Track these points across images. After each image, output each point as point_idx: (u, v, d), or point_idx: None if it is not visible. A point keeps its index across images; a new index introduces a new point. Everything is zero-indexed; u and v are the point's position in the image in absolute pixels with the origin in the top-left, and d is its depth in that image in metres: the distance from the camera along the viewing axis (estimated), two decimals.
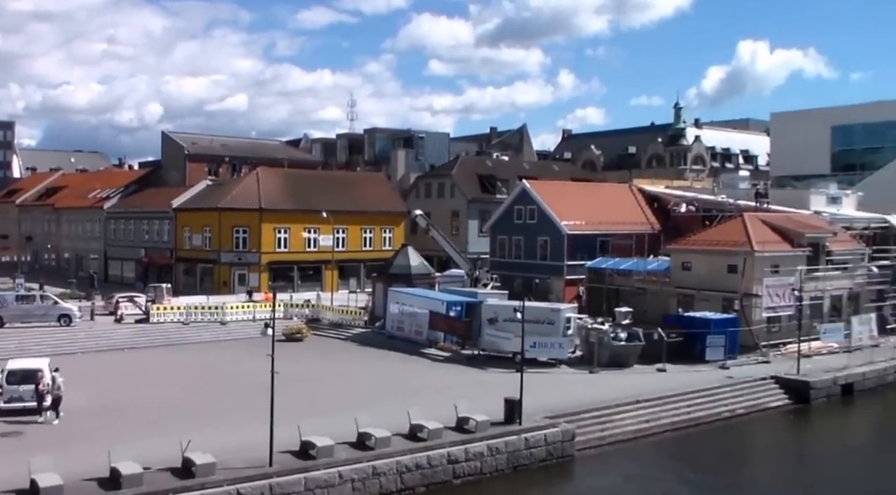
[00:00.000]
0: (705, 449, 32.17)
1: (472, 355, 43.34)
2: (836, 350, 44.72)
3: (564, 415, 30.93)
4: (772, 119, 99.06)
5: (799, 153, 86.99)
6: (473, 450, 27.26)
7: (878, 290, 52.45)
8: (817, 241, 49.58)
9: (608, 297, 51.78)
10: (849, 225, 55.99)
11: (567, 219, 57.97)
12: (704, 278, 47.56)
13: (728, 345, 42.20)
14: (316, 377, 38.08)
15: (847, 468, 30.83)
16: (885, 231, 57.22)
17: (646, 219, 62.07)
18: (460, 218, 79.69)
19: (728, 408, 35.76)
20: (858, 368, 41.43)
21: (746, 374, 39.41)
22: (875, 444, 35.17)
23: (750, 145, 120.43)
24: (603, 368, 39.80)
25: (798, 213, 54.83)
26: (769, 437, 35.02)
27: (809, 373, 39.57)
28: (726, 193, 63.04)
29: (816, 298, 48.16)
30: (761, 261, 45.89)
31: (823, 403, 38.49)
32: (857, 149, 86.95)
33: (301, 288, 68.39)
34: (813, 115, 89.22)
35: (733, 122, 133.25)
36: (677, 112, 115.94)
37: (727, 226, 50.52)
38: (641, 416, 33.07)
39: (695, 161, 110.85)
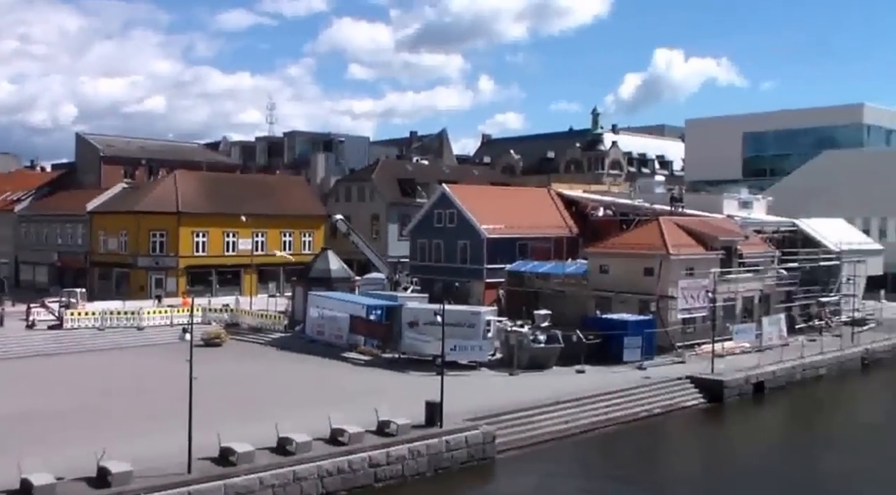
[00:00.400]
0: (624, 449, 32.71)
1: (393, 359, 43.34)
2: (748, 349, 45.95)
3: (485, 418, 31.14)
4: (686, 125, 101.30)
5: (712, 159, 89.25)
6: (395, 454, 27.28)
7: (787, 292, 53.97)
8: (730, 245, 50.79)
9: (527, 300, 52.22)
10: (760, 228, 57.45)
11: (486, 222, 58.35)
12: (621, 281, 48.35)
13: (645, 346, 43.00)
14: (235, 382, 37.69)
15: (759, 463, 31.61)
16: (794, 234, 58.88)
17: (564, 223, 62.81)
18: (380, 221, 79.66)
19: (645, 408, 36.41)
20: (769, 367, 42.61)
21: (663, 374, 40.18)
22: (785, 439, 36.16)
23: (665, 151, 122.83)
24: (522, 370, 40.17)
25: (712, 217, 56.09)
26: (685, 436, 35.83)
27: (723, 373, 40.51)
28: (643, 198, 64.18)
29: (729, 300, 49.32)
30: (676, 264, 46.86)
31: (736, 401, 39.47)
32: (767, 155, 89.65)
33: (220, 292, 67.56)
34: (725, 123, 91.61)
35: (649, 127, 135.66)
36: (595, 118, 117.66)
37: (643, 229, 51.44)
38: (561, 417, 33.47)
39: (612, 166, 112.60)
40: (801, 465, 31.64)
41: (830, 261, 56.98)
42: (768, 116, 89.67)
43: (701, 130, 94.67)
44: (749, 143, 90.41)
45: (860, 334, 52.46)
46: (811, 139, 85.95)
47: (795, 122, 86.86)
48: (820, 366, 45.74)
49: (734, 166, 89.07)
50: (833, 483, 29.45)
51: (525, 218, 60.51)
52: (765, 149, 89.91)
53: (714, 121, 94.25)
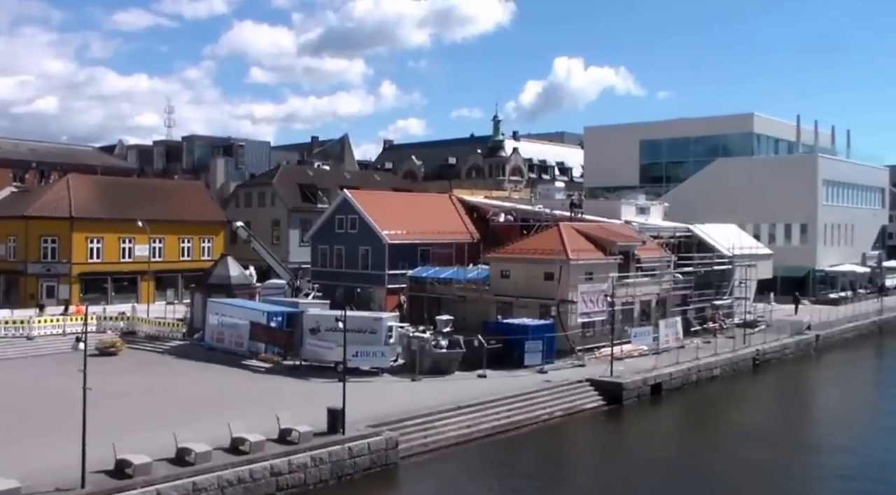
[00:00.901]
0: (526, 452, 33.01)
1: (295, 365, 42.91)
2: (646, 352, 46.96)
3: (387, 424, 31.09)
4: (585, 133, 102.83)
5: (610, 166, 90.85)
6: (297, 462, 27.00)
7: (682, 295, 55.36)
8: (628, 250, 51.82)
9: (429, 306, 52.40)
10: (656, 234, 58.76)
11: (388, 228, 58.32)
12: (522, 286, 48.85)
13: (545, 350, 43.49)
14: (132, 392, 36.71)
15: (657, 462, 32.37)
16: (689, 239, 60.43)
17: (465, 229, 63.20)
18: (281, 227, 78.86)
19: (547, 411, 36.85)
20: (666, 369, 43.61)
21: (563, 378, 40.71)
22: (681, 439, 37.14)
23: (565, 157, 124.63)
24: (425, 376, 40.24)
25: (610, 223, 57.17)
26: (586, 438, 36.35)
27: (621, 375, 41.31)
28: (543, 204, 65.01)
29: (627, 304, 50.30)
30: (576, 269, 47.56)
31: (635, 403, 40.28)
32: (663, 162, 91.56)
33: (115, 300, 65.89)
34: (623, 130, 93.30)
35: (549, 135, 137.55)
36: (496, 124, 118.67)
37: (544, 235, 52.07)
38: (463, 422, 33.63)
39: (513, 172, 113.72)
40: (696, 462, 32.54)
41: (723, 266, 58.74)
42: (664, 125, 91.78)
43: (599, 138, 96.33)
44: (645, 151, 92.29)
45: (751, 336, 54.18)
46: (705, 147, 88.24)
47: (690, 131, 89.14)
48: (714, 366, 47.05)
49: (631, 173, 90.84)
50: (725, 477, 30.33)
51: (427, 223, 60.70)
52: (661, 156, 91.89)
53: (612, 128, 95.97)
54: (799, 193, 78.73)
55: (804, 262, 77.99)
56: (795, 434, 37.83)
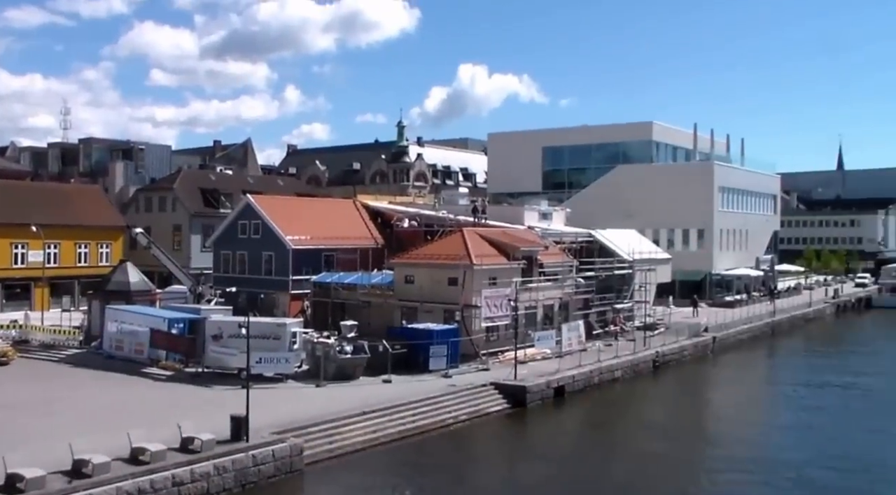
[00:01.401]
0: (432, 457, 33.08)
1: (197, 373, 42.14)
2: (549, 355, 47.55)
3: (292, 430, 30.81)
4: (489, 139, 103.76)
5: (514, 172, 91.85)
6: (199, 471, 26.51)
7: (584, 299, 56.30)
8: (531, 255, 52.43)
9: (334, 311, 52.12)
10: (559, 239, 59.57)
11: (292, 233, 57.80)
12: (427, 291, 48.99)
13: (450, 354, 43.69)
14: (24, 403, 35.49)
15: (562, 463, 32.82)
16: (590, 244, 61.47)
17: (370, 234, 63.04)
18: (182, 232, 77.45)
19: (452, 415, 37.00)
20: (568, 372, 44.22)
21: (468, 382, 40.96)
22: (584, 439, 37.80)
23: (469, 163, 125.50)
24: (329, 381, 39.98)
25: (513, 228, 57.75)
26: (491, 441, 36.57)
27: (525, 378, 41.75)
28: (447, 209, 65.20)
29: (531, 308, 50.90)
30: (480, 274, 47.91)
31: (538, 406, 40.74)
32: (565, 168, 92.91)
33: (7, 307, 63.79)
34: (526, 137, 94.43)
35: (454, 141, 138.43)
36: (400, 130, 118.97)
37: (448, 240, 52.29)
38: (368, 427, 33.54)
39: (417, 178, 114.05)
40: (599, 463, 33.04)
41: (624, 270, 59.88)
42: (566, 132, 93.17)
43: (503, 144, 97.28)
44: (548, 157, 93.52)
45: (651, 338, 55.32)
46: (605, 154, 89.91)
47: (591, 138, 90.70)
48: (616, 369, 47.92)
49: (534, 179, 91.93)
50: (626, 476, 30.86)
51: (331, 229, 60.36)
52: (563, 162, 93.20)
53: (515, 135, 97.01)
54: (696, 200, 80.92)
55: (701, 267, 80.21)
56: (694, 433, 38.96)
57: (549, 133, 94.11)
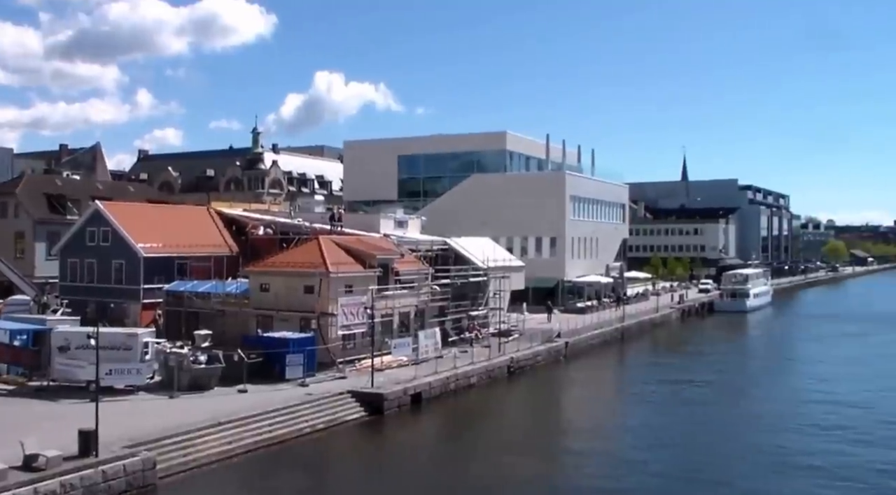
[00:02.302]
0: (289, 466, 32.78)
1: (42, 386, 40.48)
2: (406, 363, 47.87)
3: (144, 443, 30.03)
4: (345, 147, 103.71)
5: (369, 180, 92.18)
6: (44, 490, 25.51)
7: (440, 306, 56.93)
8: (387, 262, 52.71)
9: (187, 320, 51.01)
10: (414, 247, 60.03)
11: (143, 241, 56.29)
12: (282, 299, 48.60)
13: (307, 363, 43.44)
14: None
15: (419, 470, 33.15)
16: (446, 252, 62.16)
17: (224, 242, 61.98)
18: (26, 240, 74.07)
19: (309, 424, 36.82)
20: (425, 378, 44.67)
21: (325, 390, 40.82)
22: (441, 446, 38.19)
23: (325, 171, 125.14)
24: (183, 392, 39.15)
25: (369, 236, 57.84)
26: (350, 449, 36.54)
27: (382, 386, 41.93)
28: (302, 217, 64.84)
29: (387, 315, 51.11)
30: (336, 282, 47.86)
31: (396, 413, 40.99)
32: (421, 177, 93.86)
33: None
34: (382, 145, 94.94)
35: (310, 148, 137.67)
36: (255, 137, 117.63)
37: (303, 248, 52.01)
38: (224, 438, 33.02)
39: (272, 185, 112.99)
40: (456, 467, 33.45)
41: (479, 278, 60.82)
42: (421, 140, 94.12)
43: (358, 152, 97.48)
44: (403, 166, 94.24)
45: (506, 344, 56.48)
46: (460, 163, 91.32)
47: (446, 147, 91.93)
48: (471, 375, 48.67)
49: (390, 187, 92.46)
50: (484, 482, 31.41)
51: (184, 236, 59.02)
52: (418, 171, 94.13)
53: (370, 143, 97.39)
54: (548, 208, 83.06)
55: (554, 274, 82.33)
56: (547, 437, 39.89)
57: (404, 142, 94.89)
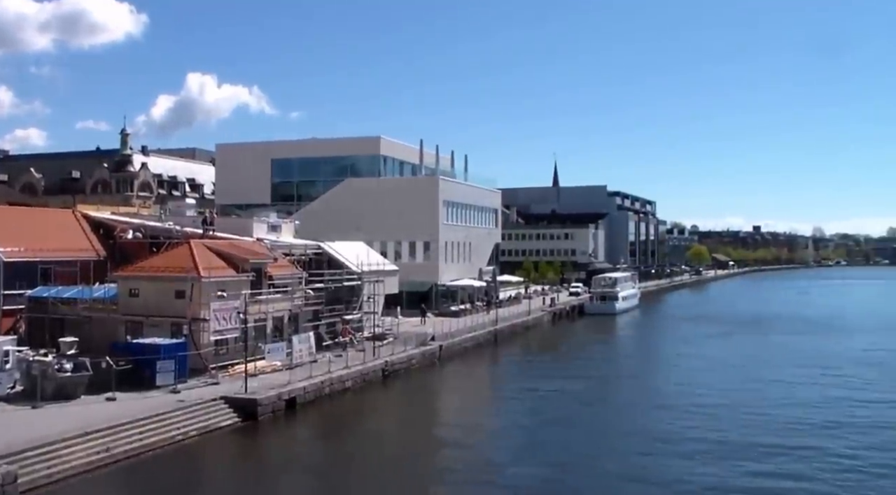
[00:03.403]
0: (160, 476, 32.15)
1: None
2: (280, 367, 47.51)
3: (4, 457, 28.91)
4: (217, 150, 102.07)
5: (242, 183, 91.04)
6: None
7: (314, 311, 56.74)
8: (260, 267, 52.26)
9: (52, 327, 49.36)
10: (288, 251, 59.68)
11: (3, 245, 54.07)
12: (153, 304, 47.60)
13: (178, 369, 42.61)
14: None
15: (293, 476, 33.04)
16: (320, 256, 62.05)
17: (91, 246, 60.15)
18: None
19: (181, 432, 36.16)
20: (300, 383, 44.42)
21: (197, 397, 40.14)
22: (315, 451, 38.14)
23: (197, 174, 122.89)
24: (48, 402, 37.78)
25: (242, 240, 57.23)
26: (223, 456, 36.10)
27: (256, 391, 41.51)
28: (173, 220, 63.58)
29: (260, 320, 50.67)
30: (208, 287, 47.17)
31: (270, 418, 40.63)
32: (295, 181, 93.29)
33: None
34: (255, 149, 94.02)
35: (181, 150, 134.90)
36: (124, 138, 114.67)
37: (174, 252, 51.08)
38: (92, 448, 32.12)
39: (142, 188, 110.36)
40: (331, 474, 33.50)
41: (353, 282, 60.91)
42: (295, 144, 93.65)
43: (231, 155, 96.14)
44: (277, 169, 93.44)
45: (380, 348, 56.67)
46: (334, 167, 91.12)
47: (320, 151, 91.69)
48: (346, 379, 48.68)
49: (263, 191, 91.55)
50: (359, 485, 31.60)
51: (48, 240, 57.02)
52: (292, 175, 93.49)
53: (243, 146, 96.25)
54: (422, 213, 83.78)
55: (428, 278, 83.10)
56: (422, 439, 40.26)
57: (278, 145, 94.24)
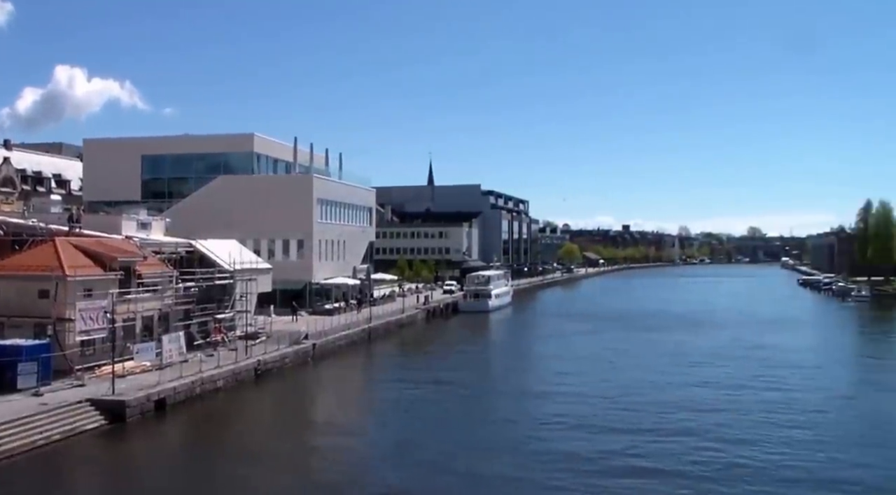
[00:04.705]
0: (21, 482, 31.32)
1: None
2: (150, 368, 46.73)
3: None
4: (85, 145, 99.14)
5: (111, 180, 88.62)
6: None
7: (185, 310, 55.96)
8: (129, 265, 51.25)
9: None
10: (158, 249, 58.63)
11: None
12: (14, 304, 46.11)
13: (41, 371, 41.43)
14: None
15: (161, 478, 32.66)
16: (191, 254, 61.19)
17: None
18: None
19: (44, 436, 35.20)
20: (170, 384, 43.80)
21: (61, 399, 39.15)
22: (185, 453, 37.65)
23: (63, 170, 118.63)
24: None
25: (110, 238, 55.92)
26: (87, 460, 35.24)
27: (124, 393, 40.76)
28: (38, 217, 61.49)
29: (129, 320, 49.75)
30: (74, 286, 46.01)
31: (139, 420, 39.99)
32: (166, 178, 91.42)
33: None
34: (125, 144, 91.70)
35: (47, 145, 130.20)
36: None
37: (38, 250, 49.53)
38: None
39: (4, 183, 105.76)
40: (201, 476, 33.30)
41: (225, 280, 60.31)
42: (167, 141, 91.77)
43: (100, 151, 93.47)
44: (148, 166, 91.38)
45: (253, 347, 56.35)
46: (207, 164, 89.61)
47: (193, 148, 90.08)
48: (218, 379, 48.26)
49: (133, 188, 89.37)
50: (230, 486, 31.50)
51: None
52: (163, 172, 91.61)
53: (113, 142, 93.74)
54: (296, 211, 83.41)
55: (301, 276, 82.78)
56: (292, 439, 40.07)
57: (148, 141, 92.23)
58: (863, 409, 46.25)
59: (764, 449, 35.92)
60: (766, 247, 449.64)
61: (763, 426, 40.43)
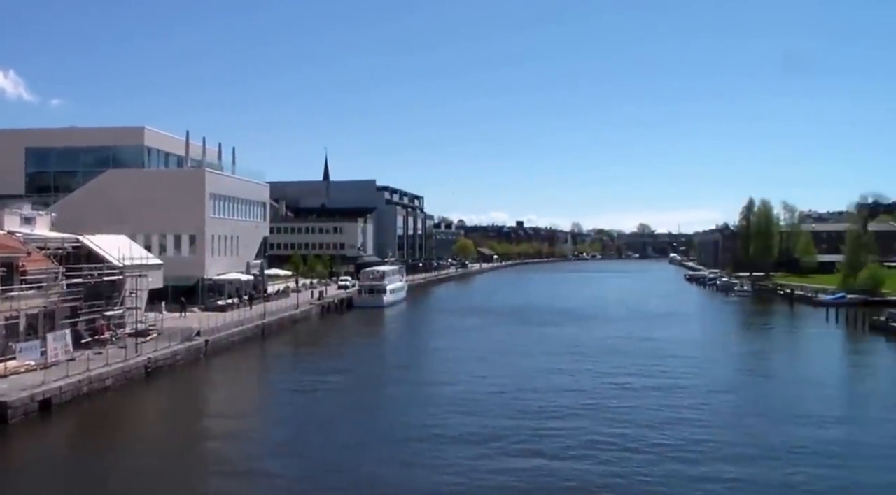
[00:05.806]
0: None
1: None
2: (34, 367, 45.45)
3: None
4: None
5: None
6: None
7: (72, 307, 54.58)
8: (11, 261, 49.81)
9: None
10: (43, 245, 57.12)
11: None
12: None
13: None
14: None
15: (46, 481, 31.88)
16: (78, 250, 59.72)
17: None
18: None
19: None
20: (55, 383, 42.65)
21: None
22: (71, 454, 36.73)
23: None
24: None
25: None
26: None
27: (6, 393, 39.56)
28: None
29: (12, 318, 48.33)
30: None
31: (22, 421, 38.87)
32: (52, 171, 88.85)
33: None
34: (6, 136, 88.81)
35: None
36: None
37: None
38: None
39: None
40: (88, 478, 32.58)
41: (114, 276, 59.06)
42: (54, 133, 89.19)
43: None
44: (32, 159, 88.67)
45: (143, 344, 55.33)
46: (96, 158, 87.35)
47: (81, 141, 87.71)
48: (106, 377, 47.23)
49: (17, 181, 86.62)
50: (118, 488, 30.96)
51: None
52: (50, 165, 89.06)
53: None
54: (188, 206, 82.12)
55: (194, 272, 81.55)
56: (182, 437, 39.62)
57: (33, 133, 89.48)
58: (744, 395, 48.99)
59: (651, 430, 37.98)
60: (656, 244, 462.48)
61: (650, 410, 42.76)
